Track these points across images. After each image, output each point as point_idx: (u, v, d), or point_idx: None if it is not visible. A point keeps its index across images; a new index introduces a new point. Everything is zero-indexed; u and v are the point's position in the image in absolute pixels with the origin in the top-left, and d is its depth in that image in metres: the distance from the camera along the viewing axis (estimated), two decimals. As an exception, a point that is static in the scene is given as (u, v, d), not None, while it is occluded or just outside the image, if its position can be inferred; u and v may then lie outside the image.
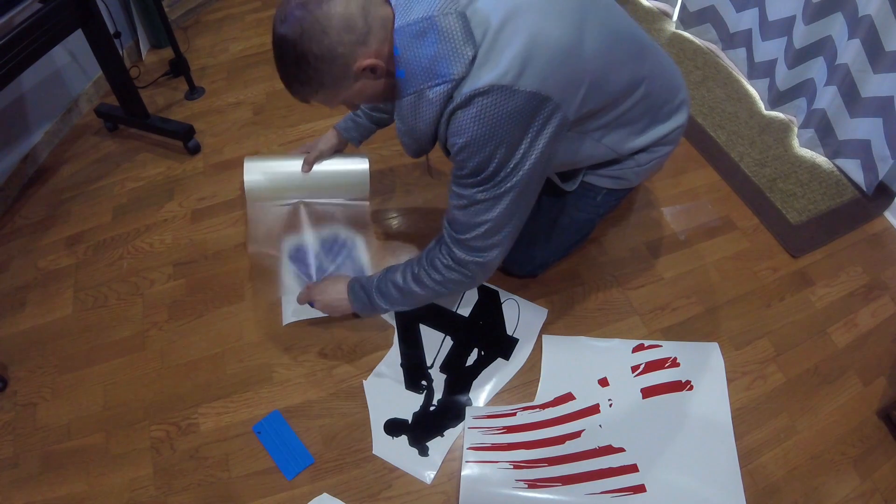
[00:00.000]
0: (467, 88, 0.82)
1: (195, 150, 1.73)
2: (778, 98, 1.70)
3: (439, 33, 0.81)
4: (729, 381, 1.20)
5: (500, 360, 1.24)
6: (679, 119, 1.12)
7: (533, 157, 0.89)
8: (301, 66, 0.83)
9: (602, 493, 1.02)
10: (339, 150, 1.35)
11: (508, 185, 0.91)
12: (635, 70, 0.99)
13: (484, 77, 0.81)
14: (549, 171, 1.06)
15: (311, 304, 1.24)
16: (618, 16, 0.97)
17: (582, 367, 1.22)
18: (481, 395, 1.19)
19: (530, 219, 1.26)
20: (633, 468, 1.06)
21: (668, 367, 1.20)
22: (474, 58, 0.82)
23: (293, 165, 1.34)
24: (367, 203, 1.42)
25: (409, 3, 0.84)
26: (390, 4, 0.85)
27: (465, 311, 1.32)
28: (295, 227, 1.43)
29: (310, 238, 1.47)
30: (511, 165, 0.89)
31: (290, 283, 1.38)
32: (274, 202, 1.38)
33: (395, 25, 0.83)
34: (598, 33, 0.89)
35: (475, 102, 0.83)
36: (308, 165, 1.32)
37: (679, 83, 1.12)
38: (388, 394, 1.20)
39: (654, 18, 2.12)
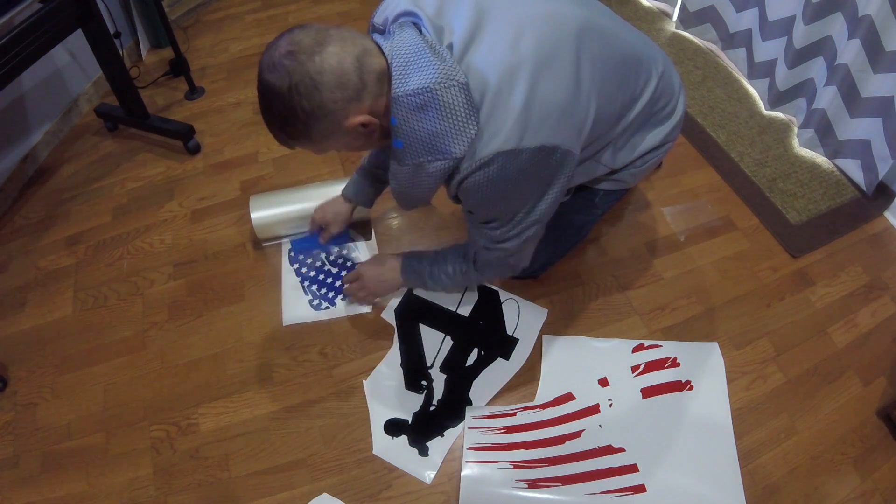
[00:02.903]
0: (471, 161, 0.82)
1: (195, 150, 1.73)
2: (778, 98, 1.70)
3: (441, 108, 0.78)
4: (729, 381, 1.19)
5: (500, 360, 1.24)
6: (676, 116, 1.11)
7: (548, 201, 0.91)
8: (288, 119, 0.79)
9: (602, 493, 1.02)
10: (349, 216, 1.36)
11: (523, 225, 0.94)
12: (631, 90, 0.99)
13: (486, 148, 0.80)
14: None
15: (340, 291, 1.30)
16: (611, 38, 0.93)
17: (582, 367, 1.22)
18: (481, 395, 1.19)
19: None
20: (633, 468, 1.06)
21: (668, 367, 1.20)
22: (478, 132, 0.80)
23: (296, 200, 1.40)
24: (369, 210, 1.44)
25: (406, 64, 0.78)
26: (384, 55, 0.80)
27: (465, 310, 1.32)
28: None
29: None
30: (524, 211, 0.91)
31: (292, 283, 1.39)
32: (283, 236, 1.46)
33: (393, 93, 0.79)
34: (593, 71, 0.87)
35: (481, 170, 0.82)
36: (324, 241, 1.36)
37: (674, 76, 1.10)
38: (388, 394, 1.20)
39: (654, 18, 2.12)
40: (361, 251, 1.44)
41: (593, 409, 1.14)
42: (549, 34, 0.83)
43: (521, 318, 1.30)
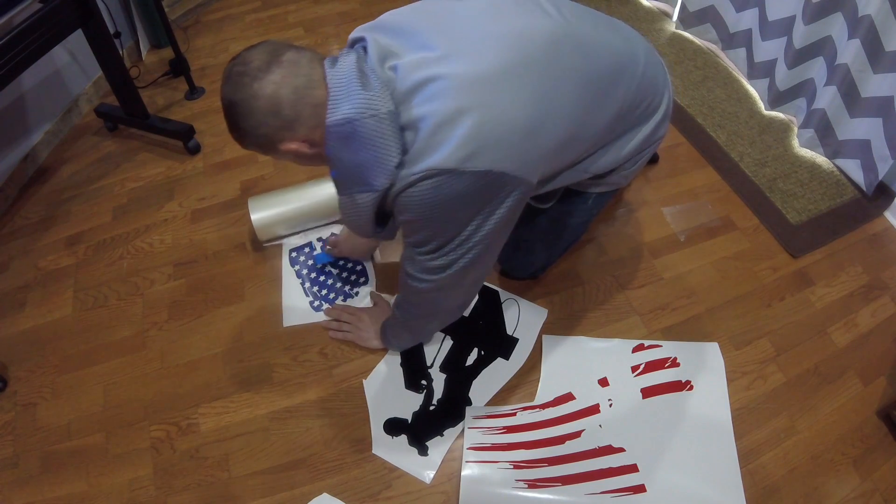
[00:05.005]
0: (408, 174, 0.78)
1: (195, 150, 1.73)
2: (778, 98, 1.70)
3: (362, 139, 0.78)
4: (729, 381, 1.19)
5: (500, 360, 1.24)
6: (661, 112, 1.06)
7: (487, 229, 0.85)
8: (233, 127, 0.82)
9: (602, 493, 1.02)
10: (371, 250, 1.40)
11: (456, 254, 0.87)
12: (614, 98, 0.94)
13: (425, 164, 0.77)
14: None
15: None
16: (590, 48, 0.89)
17: (582, 367, 1.22)
18: (481, 394, 1.19)
19: (525, 228, 1.25)
20: (633, 468, 1.06)
21: (668, 367, 1.20)
22: (401, 163, 0.78)
23: (295, 200, 1.41)
24: None
25: (338, 95, 0.78)
26: (327, 86, 0.80)
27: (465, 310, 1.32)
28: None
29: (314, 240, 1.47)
30: (459, 240, 0.85)
31: (292, 284, 1.39)
32: (283, 236, 1.46)
33: (327, 121, 0.79)
34: (572, 89, 0.84)
35: (417, 185, 0.78)
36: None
37: (657, 71, 1.04)
38: (387, 393, 1.20)
39: (654, 18, 2.12)
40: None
41: (593, 409, 1.14)
42: (514, 52, 0.80)
43: (521, 318, 1.30)
